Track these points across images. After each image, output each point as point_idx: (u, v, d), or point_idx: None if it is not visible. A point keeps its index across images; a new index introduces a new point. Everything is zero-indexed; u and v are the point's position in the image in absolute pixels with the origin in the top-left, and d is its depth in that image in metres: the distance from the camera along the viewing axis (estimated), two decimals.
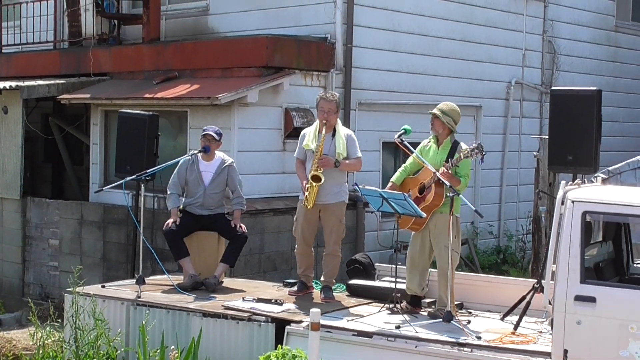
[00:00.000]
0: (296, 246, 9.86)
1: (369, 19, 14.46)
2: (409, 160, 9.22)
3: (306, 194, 9.38)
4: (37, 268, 14.98)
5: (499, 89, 17.02)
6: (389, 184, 9.18)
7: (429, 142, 9.10)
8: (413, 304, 9.06)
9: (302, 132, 9.82)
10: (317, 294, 9.79)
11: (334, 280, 9.80)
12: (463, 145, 8.90)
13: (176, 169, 10.44)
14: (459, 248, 9.03)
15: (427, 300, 9.23)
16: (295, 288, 9.85)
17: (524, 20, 17.32)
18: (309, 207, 9.39)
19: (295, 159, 9.80)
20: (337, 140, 9.43)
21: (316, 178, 9.30)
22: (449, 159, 8.76)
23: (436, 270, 9.00)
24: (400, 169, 9.28)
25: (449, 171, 8.67)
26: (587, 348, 7.32)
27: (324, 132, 9.39)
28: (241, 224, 10.34)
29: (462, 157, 8.67)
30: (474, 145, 8.66)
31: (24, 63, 17.02)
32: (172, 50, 14.60)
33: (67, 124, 16.89)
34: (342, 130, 9.56)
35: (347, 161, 9.46)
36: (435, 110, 8.96)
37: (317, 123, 9.61)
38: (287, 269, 13.07)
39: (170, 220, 10.23)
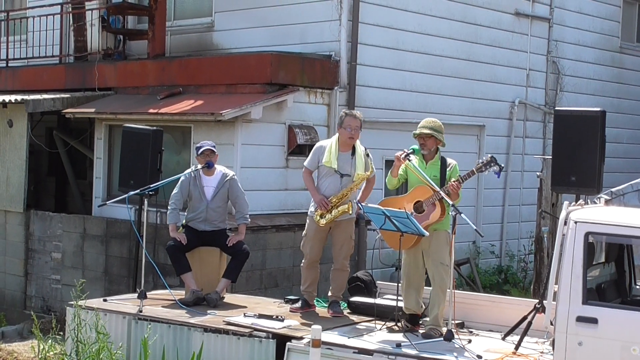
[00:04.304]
0: (303, 261, 9.86)
1: (374, 37, 14.50)
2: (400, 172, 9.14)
3: (326, 212, 9.45)
4: (39, 281, 14.99)
5: (503, 109, 17.04)
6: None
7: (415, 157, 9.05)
8: (412, 322, 9.05)
9: (318, 144, 9.82)
10: (320, 310, 9.81)
11: (342, 296, 9.82)
12: (449, 160, 8.95)
13: (178, 183, 10.44)
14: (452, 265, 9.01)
15: (427, 318, 9.21)
16: (297, 305, 9.86)
17: (528, 41, 17.36)
18: (324, 225, 9.48)
19: (304, 168, 9.81)
20: (357, 161, 9.47)
21: (350, 206, 9.42)
22: (459, 175, 8.78)
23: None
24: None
25: (460, 185, 8.68)
26: None
27: (362, 167, 9.45)
28: (235, 240, 10.31)
29: (475, 171, 8.69)
30: (485, 159, 8.67)
31: (30, 77, 17.09)
32: (177, 66, 14.65)
33: (71, 138, 16.93)
34: (361, 149, 9.57)
35: (370, 186, 9.67)
36: (427, 131, 8.93)
37: (335, 138, 9.61)
38: (288, 285, 13.06)
39: (177, 235, 10.23)
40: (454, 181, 8.68)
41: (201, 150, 10.30)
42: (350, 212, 9.47)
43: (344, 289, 9.88)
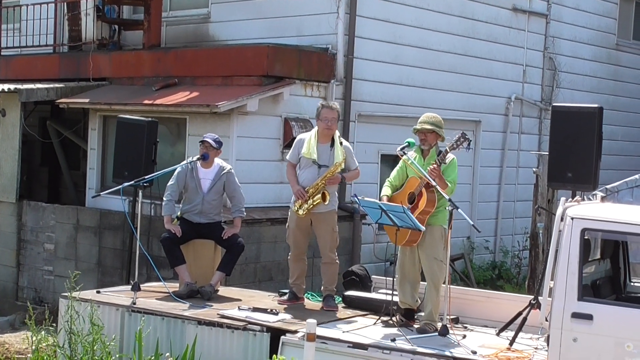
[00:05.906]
0: (289, 254, 9.91)
1: (371, 31, 14.47)
2: (393, 173, 9.18)
3: (303, 203, 9.47)
4: (31, 272, 14.93)
5: (499, 105, 17.03)
6: (383, 198, 9.11)
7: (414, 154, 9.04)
8: (407, 316, 9.04)
9: (299, 137, 9.86)
10: (315, 304, 9.79)
11: (335, 289, 9.79)
12: (448, 155, 8.93)
13: (174, 175, 10.39)
14: (447, 261, 9.00)
15: (422, 313, 9.19)
16: (285, 297, 9.87)
17: (525, 36, 17.35)
18: (302, 215, 9.49)
19: (287, 162, 9.85)
20: (336, 151, 9.46)
21: (324, 196, 9.41)
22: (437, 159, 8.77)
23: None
24: (386, 183, 9.22)
25: (439, 167, 8.64)
26: None
27: (340, 156, 9.41)
28: (231, 233, 10.28)
29: (448, 150, 8.68)
30: (457, 136, 8.66)
31: (23, 66, 17.00)
32: (173, 57, 14.59)
33: (65, 128, 16.87)
34: (338, 140, 9.57)
35: (348, 174, 9.59)
36: (429, 126, 8.92)
37: (315, 131, 9.65)
38: (283, 279, 13.01)
39: (171, 227, 10.18)
40: (430, 165, 8.65)
41: (202, 140, 10.29)
42: (326, 202, 9.44)
43: (335, 282, 9.83)
